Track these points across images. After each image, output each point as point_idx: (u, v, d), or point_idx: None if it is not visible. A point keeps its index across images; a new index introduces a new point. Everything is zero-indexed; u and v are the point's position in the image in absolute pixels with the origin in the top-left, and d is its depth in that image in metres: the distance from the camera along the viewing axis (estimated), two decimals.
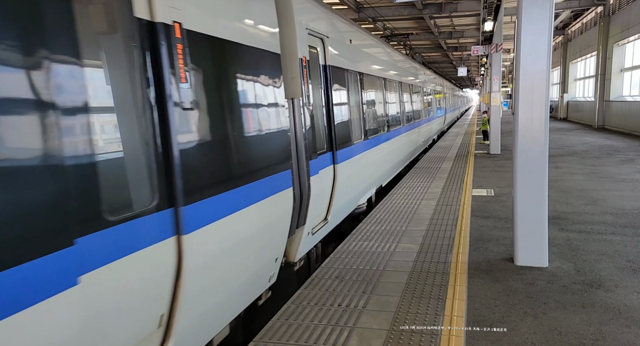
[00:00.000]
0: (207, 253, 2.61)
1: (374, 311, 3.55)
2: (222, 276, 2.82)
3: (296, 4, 4.17)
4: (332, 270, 4.46)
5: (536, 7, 4.09)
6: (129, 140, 2.16)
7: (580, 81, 27.70)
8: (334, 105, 5.27)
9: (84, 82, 1.86)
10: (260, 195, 3.23)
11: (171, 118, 2.32)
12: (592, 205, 6.83)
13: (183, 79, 2.42)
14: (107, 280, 1.93)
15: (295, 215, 4.04)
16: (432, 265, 4.49)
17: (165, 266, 2.30)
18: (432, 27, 21.19)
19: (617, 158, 11.52)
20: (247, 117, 3.11)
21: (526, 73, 4.20)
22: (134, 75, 2.19)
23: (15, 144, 1.59)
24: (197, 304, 2.57)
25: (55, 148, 1.71)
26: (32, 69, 1.65)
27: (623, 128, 18.50)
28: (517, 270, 4.34)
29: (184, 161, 2.39)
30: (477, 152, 13.76)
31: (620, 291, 3.84)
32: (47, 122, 1.69)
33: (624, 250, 4.84)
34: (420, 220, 6.19)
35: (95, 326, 1.89)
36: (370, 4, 15.85)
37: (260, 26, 3.39)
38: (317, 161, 4.60)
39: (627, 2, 18.63)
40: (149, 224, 2.16)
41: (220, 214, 2.72)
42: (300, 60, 4.16)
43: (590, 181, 8.67)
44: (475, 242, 5.21)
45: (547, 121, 4.21)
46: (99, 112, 2.02)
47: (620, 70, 20.01)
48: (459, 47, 30.54)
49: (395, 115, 9.66)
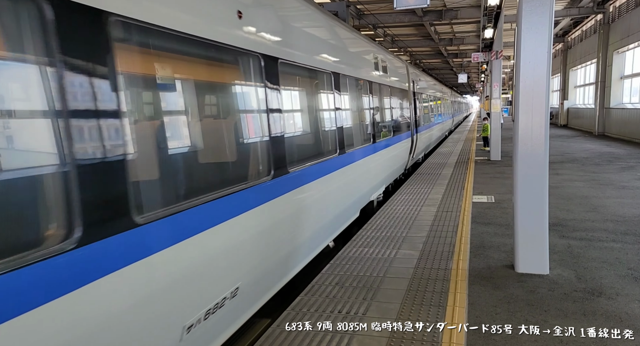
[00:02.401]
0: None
1: (374, 318, 3.53)
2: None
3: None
4: (333, 276, 4.45)
5: (536, 16, 4.11)
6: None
7: (580, 88, 27.76)
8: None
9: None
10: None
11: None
12: (592, 212, 6.82)
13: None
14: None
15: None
16: (432, 272, 4.48)
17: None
18: (432, 34, 21.30)
19: (618, 165, 11.52)
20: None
21: (526, 80, 4.21)
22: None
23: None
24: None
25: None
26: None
27: (623, 136, 18.51)
28: (518, 277, 4.33)
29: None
30: (478, 158, 13.77)
31: (621, 300, 3.82)
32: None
33: (625, 257, 4.83)
34: (421, 226, 6.18)
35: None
36: (370, 11, 15.95)
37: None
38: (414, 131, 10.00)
39: (626, 10, 18.72)
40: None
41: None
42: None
43: (591, 188, 8.66)
44: (476, 249, 5.20)
45: (547, 128, 4.22)
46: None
47: (620, 78, 20.06)
48: (459, 54, 30.67)
49: (436, 113, 17.33)
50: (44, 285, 1.75)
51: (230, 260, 3.03)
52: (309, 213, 4.40)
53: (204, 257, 2.72)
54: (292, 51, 4.17)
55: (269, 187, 3.53)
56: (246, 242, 3.20)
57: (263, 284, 3.62)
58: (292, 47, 4.19)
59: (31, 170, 1.90)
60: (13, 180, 1.86)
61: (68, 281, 1.84)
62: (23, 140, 1.91)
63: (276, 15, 3.98)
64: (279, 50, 3.85)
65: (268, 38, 3.70)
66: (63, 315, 1.83)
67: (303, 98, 4.95)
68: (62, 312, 1.83)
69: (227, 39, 3.07)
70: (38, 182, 1.91)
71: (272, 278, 3.76)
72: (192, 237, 2.58)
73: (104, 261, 1.99)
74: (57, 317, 1.81)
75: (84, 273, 1.89)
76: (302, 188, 4.19)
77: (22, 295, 1.69)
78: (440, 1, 15.83)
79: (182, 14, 2.68)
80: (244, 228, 3.18)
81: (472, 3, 16.10)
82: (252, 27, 3.42)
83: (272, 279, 3.78)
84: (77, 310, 1.89)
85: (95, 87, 2.02)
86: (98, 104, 2.02)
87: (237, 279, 3.08)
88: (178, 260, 2.46)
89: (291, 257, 4.06)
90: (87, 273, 1.91)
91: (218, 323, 2.90)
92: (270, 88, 3.69)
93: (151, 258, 2.25)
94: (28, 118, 1.93)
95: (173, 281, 2.41)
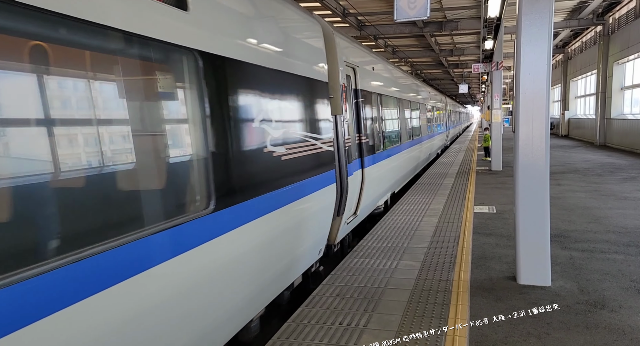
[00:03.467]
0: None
1: (375, 330, 3.51)
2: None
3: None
4: (333, 287, 4.43)
5: (535, 28, 4.15)
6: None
7: (581, 98, 27.86)
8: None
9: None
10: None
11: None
12: (594, 223, 6.79)
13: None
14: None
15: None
16: (434, 283, 4.45)
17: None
18: (433, 44, 21.44)
19: (620, 176, 11.50)
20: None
21: (526, 92, 4.23)
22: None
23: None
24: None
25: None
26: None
27: (625, 146, 18.51)
28: (520, 289, 4.30)
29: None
30: (479, 168, 13.77)
31: (624, 312, 3.79)
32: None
33: (628, 269, 4.80)
34: (422, 237, 6.16)
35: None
36: (371, 22, 16.08)
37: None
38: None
39: (626, 22, 18.85)
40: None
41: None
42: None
43: (593, 199, 8.64)
44: (477, 260, 5.18)
45: (548, 139, 4.22)
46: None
47: (621, 89, 20.13)
48: (459, 64, 30.84)
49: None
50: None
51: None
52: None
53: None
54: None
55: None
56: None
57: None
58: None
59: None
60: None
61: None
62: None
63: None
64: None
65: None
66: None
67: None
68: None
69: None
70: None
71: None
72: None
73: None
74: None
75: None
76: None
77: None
78: (441, 12, 15.96)
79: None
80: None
81: (473, 14, 16.23)
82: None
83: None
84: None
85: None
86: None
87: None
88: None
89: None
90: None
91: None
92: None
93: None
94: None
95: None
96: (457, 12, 15.80)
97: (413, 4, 6.39)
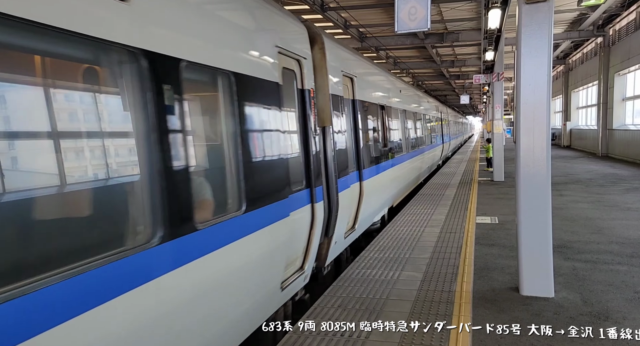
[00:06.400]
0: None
1: (377, 341, 3.49)
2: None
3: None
4: (335, 298, 4.41)
5: (535, 40, 4.19)
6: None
7: (582, 109, 27.90)
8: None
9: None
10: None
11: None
12: (597, 234, 6.76)
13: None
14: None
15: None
16: (436, 294, 4.43)
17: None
18: (434, 56, 21.58)
19: (622, 186, 11.47)
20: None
21: (527, 103, 4.26)
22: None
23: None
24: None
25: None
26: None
27: (627, 157, 18.48)
28: (523, 300, 4.28)
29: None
30: (481, 179, 13.75)
31: (628, 324, 3.76)
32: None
33: (631, 280, 4.76)
34: (424, 247, 6.14)
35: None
36: (373, 33, 16.22)
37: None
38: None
39: (626, 33, 18.96)
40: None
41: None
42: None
43: (595, 209, 8.61)
44: (480, 271, 5.15)
45: (549, 149, 4.24)
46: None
47: (622, 99, 20.17)
48: (461, 75, 30.98)
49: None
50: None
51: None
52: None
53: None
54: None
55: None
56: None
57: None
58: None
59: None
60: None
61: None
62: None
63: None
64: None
65: None
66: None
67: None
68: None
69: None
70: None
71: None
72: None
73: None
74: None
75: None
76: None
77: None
78: (442, 24, 16.09)
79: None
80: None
81: (473, 26, 16.35)
82: None
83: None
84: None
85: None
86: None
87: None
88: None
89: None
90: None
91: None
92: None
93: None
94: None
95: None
96: (457, 23, 15.92)
97: (414, 15, 6.45)
